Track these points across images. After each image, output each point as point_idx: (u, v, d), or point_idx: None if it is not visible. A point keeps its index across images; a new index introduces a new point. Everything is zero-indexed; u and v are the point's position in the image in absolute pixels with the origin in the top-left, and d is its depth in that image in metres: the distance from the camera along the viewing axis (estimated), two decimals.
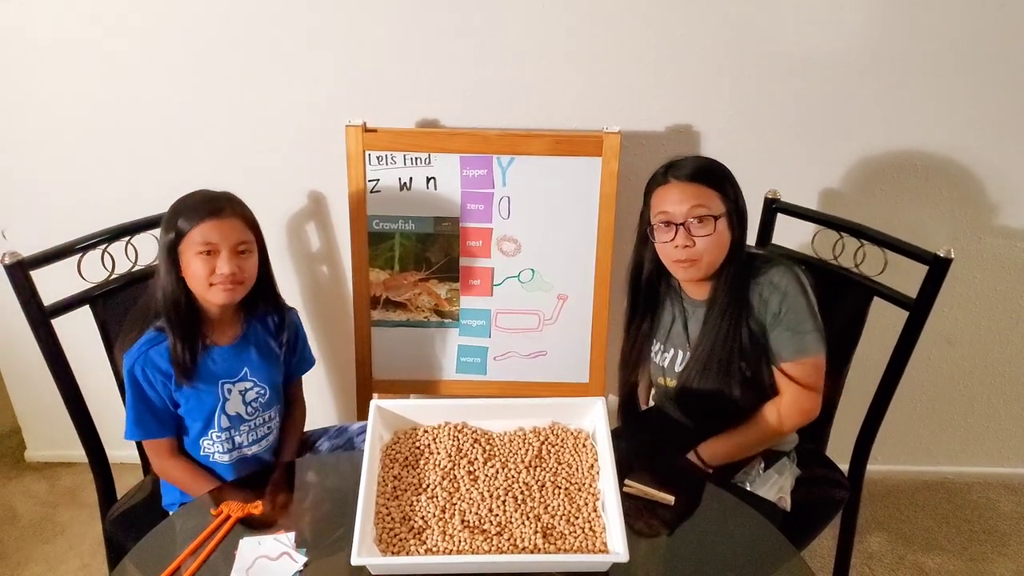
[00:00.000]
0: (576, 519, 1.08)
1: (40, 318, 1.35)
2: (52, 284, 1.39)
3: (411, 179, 1.70)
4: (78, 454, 1.49)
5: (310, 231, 1.92)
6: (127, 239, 1.50)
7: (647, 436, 1.58)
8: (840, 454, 1.61)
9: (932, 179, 1.81)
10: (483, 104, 1.76)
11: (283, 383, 1.48)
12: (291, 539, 1.09)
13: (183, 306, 1.30)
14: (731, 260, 1.35)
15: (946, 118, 1.74)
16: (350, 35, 1.70)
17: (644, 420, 1.62)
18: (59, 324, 1.38)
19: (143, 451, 1.53)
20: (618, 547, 1.00)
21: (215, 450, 1.37)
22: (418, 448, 1.19)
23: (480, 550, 1.03)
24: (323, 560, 1.06)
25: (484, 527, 1.06)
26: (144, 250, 1.51)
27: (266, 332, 1.44)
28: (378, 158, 1.68)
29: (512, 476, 1.14)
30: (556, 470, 1.16)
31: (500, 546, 1.03)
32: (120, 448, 1.50)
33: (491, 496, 1.11)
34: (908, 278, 1.42)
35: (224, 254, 1.27)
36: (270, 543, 1.08)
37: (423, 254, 1.76)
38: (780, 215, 1.65)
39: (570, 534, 1.06)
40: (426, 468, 1.16)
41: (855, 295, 1.51)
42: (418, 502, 1.10)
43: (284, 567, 1.04)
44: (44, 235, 1.43)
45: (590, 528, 1.06)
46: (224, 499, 1.18)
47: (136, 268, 1.51)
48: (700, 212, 1.30)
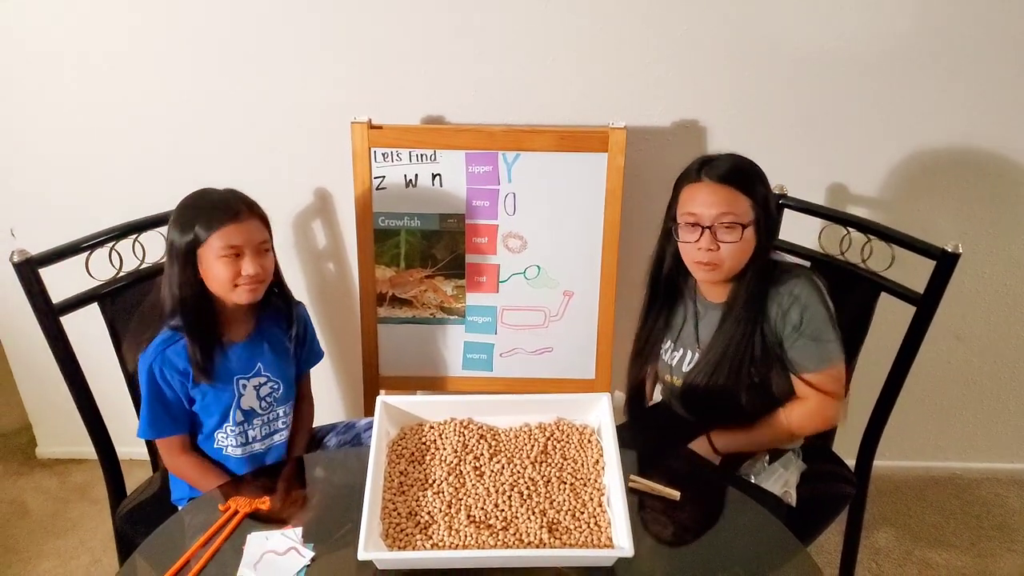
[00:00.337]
0: (581, 514, 1.08)
1: (49, 315, 1.36)
2: (60, 282, 1.40)
3: (417, 176, 1.70)
4: (88, 450, 1.50)
5: (316, 228, 1.93)
6: (134, 237, 1.51)
7: (653, 432, 1.58)
8: (847, 449, 1.60)
9: (940, 174, 1.79)
10: (488, 100, 1.76)
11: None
12: (298, 534, 1.10)
13: (201, 307, 1.32)
14: (753, 264, 1.33)
15: (954, 113, 1.73)
16: (355, 32, 1.70)
17: (651, 415, 1.62)
18: (68, 321, 1.39)
19: (152, 447, 1.55)
20: (623, 542, 1.00)
21: (228, 443, 1.39)
22: (424, 444, 1.19)
23: (486, 545, 1.03)
24: (330, 555, 1.07)
25: (490, 522, 1.07)
26: (151, 248, 1.52)
27: (277, 327, 1.45)
28: (384, 155, 1.68)
29: (518, 471, 1.14)
30: (562, 465, 1.16)
31: (506, 541, 1.04)
32: (129, 444, 1.51)
33: (497, 491, 1.11)
34: (916, 273, 1.42)
35: (248, 256, 1.29)
36: (277, 538, 1.09)
37: (429, 251, 1.76)
38: (787, 211, 1.64)
39: (575, 529, 1.06)
40: (432, 463, 1.16)
41: (862, 291, 1.50)
42: (424, 497, 1.11)
43: (291, 562, 1.05)
44: (52, 233, 1.45)
45: (595, 523, 1.07)
46: (232, 494, 1.19)
47: (144, 266, 1.52)
48: (728, 220, 1.28)
